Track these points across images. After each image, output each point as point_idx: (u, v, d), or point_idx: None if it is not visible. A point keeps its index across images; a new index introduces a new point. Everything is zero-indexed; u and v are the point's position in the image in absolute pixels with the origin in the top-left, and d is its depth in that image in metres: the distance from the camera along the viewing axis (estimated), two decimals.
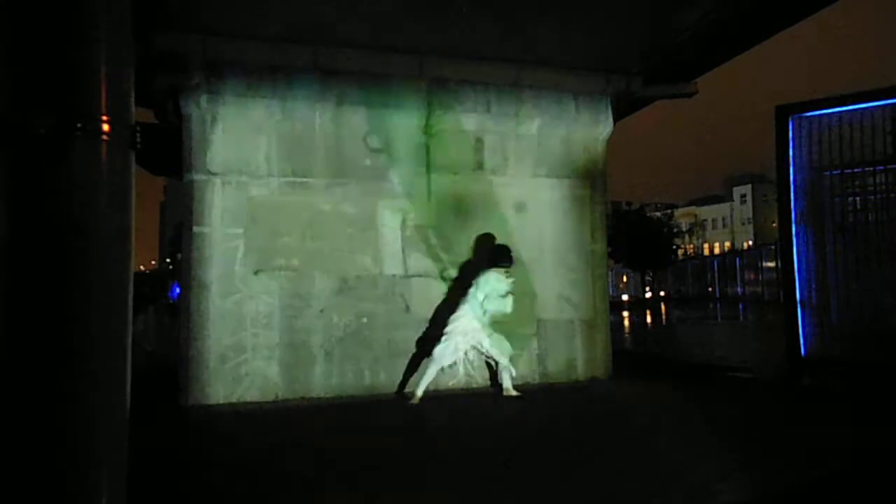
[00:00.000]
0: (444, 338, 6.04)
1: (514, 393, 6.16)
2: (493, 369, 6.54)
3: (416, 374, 6.33)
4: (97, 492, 1.58)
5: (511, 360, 6.28)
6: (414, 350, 6.55)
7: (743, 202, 69.91)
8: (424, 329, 6.58)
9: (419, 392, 5.98)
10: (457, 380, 6.63)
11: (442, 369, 6.14)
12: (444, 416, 5.67)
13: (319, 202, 6.53)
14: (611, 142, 7.65)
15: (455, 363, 6.26)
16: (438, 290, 6.75)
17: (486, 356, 6.31)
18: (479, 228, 6.76)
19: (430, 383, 6.05)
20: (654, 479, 3.69)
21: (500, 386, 6.26)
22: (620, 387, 6.96)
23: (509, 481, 3.71)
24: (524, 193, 7.17)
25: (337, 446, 4.59)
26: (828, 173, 6.85)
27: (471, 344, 6.12)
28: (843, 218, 6.83)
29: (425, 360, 6.23)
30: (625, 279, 37.90)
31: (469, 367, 6.58)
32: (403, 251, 6.73)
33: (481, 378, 6.76)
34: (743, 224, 68.92)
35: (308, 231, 6.47)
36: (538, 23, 6.20)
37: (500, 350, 6.18)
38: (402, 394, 6.37)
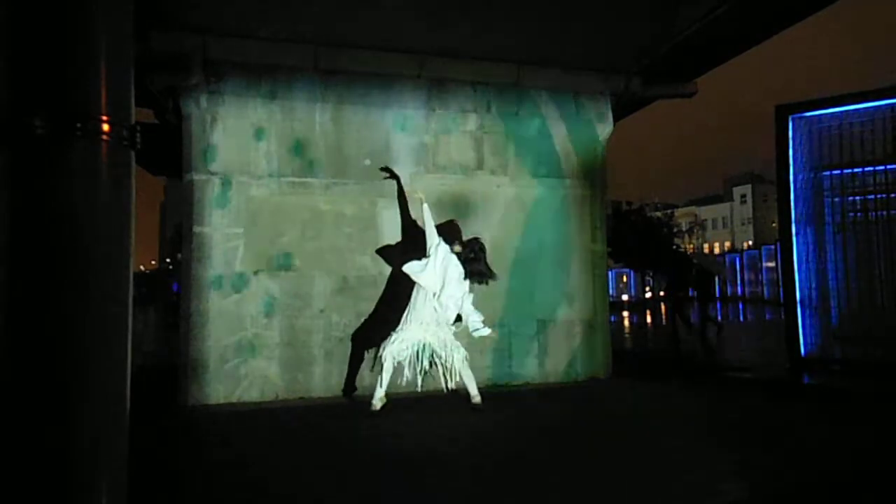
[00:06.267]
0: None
1: (478, 400, 5.49)
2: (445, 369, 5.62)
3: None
4: (97, 492, 1.58)
5: (466, 361, 5.49)
6: None
7: (743, 202, 69.87)
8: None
9: (456, 389, 5.45)
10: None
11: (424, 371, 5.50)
12: (439, 418, 5.66)
13: (319, 202, 6.53)
14: (611, 142, 7.66)
15: (420, 364, 5.48)
16: None
17: (441, 359, 5.47)
18: (480, 228, 6.74)
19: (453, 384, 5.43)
20: (654, 479, 3.69)
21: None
22: (620, 387, 6.95)
23: (508, 483, 3.71)
24: (524, 193, 7.18)
25: (335, 447, 4.60)
26: (828, 173, 6.87)
27: (417, 348, 5.46)
28: (843, 218, 6.84)
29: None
30: (625, 279, 37.87)
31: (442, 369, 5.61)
32: (403, 251, 6.72)
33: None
34: (743, 224, 68.87)
35: (308, 231, 6.47)
36: (538, 23, 6.20)
37: (446, 352, 5.43)
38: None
